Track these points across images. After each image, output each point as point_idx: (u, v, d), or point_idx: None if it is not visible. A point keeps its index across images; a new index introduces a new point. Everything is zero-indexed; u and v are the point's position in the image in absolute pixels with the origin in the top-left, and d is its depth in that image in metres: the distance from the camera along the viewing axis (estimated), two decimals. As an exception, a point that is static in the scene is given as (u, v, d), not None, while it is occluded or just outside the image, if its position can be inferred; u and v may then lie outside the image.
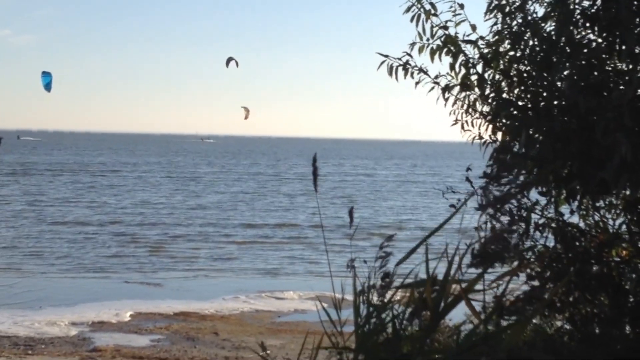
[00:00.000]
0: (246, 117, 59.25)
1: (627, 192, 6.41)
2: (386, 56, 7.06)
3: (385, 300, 5.23)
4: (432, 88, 7.06)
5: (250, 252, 30.36)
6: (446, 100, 7.03)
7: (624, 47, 5.92)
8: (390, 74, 7.03)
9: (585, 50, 6.10)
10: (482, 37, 6.78)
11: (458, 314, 5.58)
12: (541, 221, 6.65)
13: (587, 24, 6.18)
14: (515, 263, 6.45)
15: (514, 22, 6.57)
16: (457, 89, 6.99)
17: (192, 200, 51.38)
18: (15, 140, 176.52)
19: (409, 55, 7.04)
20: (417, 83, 7.07)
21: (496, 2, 6.67)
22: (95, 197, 51.85)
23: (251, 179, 75.18)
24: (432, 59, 6.92)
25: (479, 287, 5.22)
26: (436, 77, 7.04)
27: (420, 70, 7.05)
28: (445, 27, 6.88)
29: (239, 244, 32.30)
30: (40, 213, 41.16)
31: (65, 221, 37.95)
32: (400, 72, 7.03)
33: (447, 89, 6.99)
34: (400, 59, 7.04)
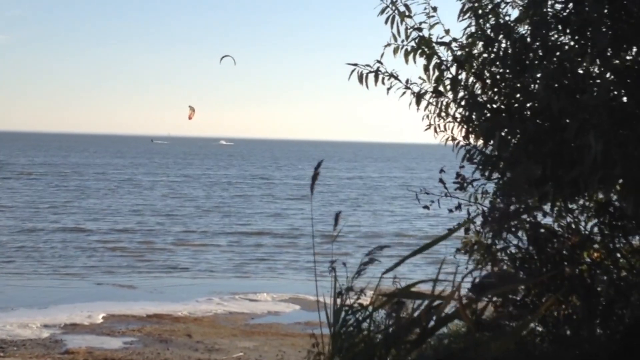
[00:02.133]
0: (190, 117, 56.91)
1: (600, 195, 6.47)
2: (355, 65, 7.06)
3: (364, 304, 5.25)
4: (404, 93, 7.07)
5: (223, 254, 30.28)
6: (418, 105, 7.04)
7: (595, 51, 5.98)
8: (361, 81, 7.03)
9: (557, 53, 6.14)
10: (455, 40, 6.81)
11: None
12: (514, 222, 6.68)
13: (560, 27, 6.23)
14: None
15: (487, 25, 6.61)
16: (429, 94, 7.02)
17: (170, 203, 51.20)
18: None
19: (379, 62, 7.05)
20: (388, 89, 7.08)
21: (470, 5, 6.71)
22: (76, 199, 51.49)
23: (233, 182, 74.57)
24: (407, 60, 6.93)
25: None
26: (407, 82, 7.05)
27: (391, 75, 7.06)
28: (420, 29, 6.90)
29: (213, 246, 32.22)
30: (19, 215, 40.92)
31: (41, 223, 37.68)
32: (371, 79, 7.04)
33: (419, 95, 7.01)
34: (368, 65, 7.04)
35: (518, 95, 6.43)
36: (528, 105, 6.36)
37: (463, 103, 6.81)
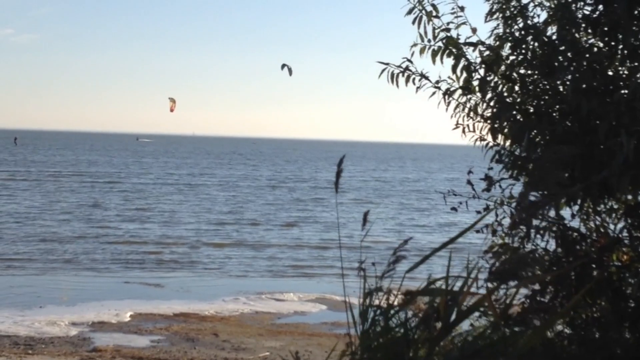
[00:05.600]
0: (172, 110, 54.49)
1: (629, 197, 6.43)
2: (387, 64, 7.06)
3: (392, 303, 5.25)
4: (434, 93, 7.06)
5: (250, 253, 30.35)
6: (447, 104, 7.03)
7: (625, 52, 5.95)
8: (392, 81, 7.04)
9: (587, 55, 6.12)
10: (482, 42, 6.79)
11: (464, 323, 5.60)
12: (542, 225, 6.65)
13: (589, 29, 6.20)
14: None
15: (515, 26, 6.59)
16: (458, 92, 7.00)
17: (197, 199, 51.28)
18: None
19: (409, 61, 7.05)
20: (418, 88, 7.08)
21: (497, 6, 6.69)
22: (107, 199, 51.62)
23: (259, 182, 74.33)
24: (434, 60, 6.93)
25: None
26: (437, 81, 7.04)
27: (421, 75, 7.06)
28: (447, 29, 6.89)
29: (240, 245, 32.29)
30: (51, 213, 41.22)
31: (69, 220, 37.95)
32: (401, 78, 7.04)
33: (448, 93, 7.00)
34: (400, 65, 7.04)
35: (547, 97, 6.40)
36: (557, 107, 6.34)
37: (492, 104, 6.79)
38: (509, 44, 6.64)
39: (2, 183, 60.50)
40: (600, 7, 6.13)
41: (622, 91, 5.91)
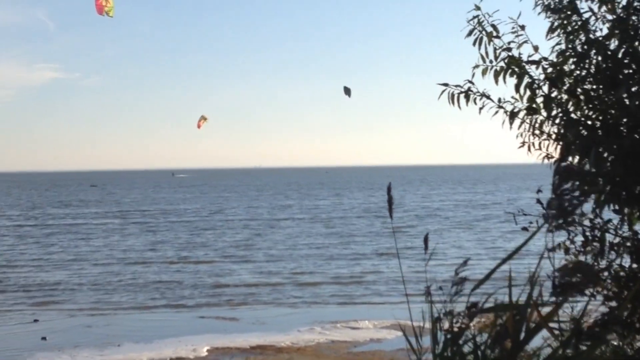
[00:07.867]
0: (199, 126, 54.83)
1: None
2: (446, 85, 7.04)
3: (463, 326, 5.18)
4: (496, 112, 7.01)
5: (324, 283, 30.30)
6: (512, 123, 6.97)
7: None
8: (452, 102, 7.00)
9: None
10: (545, 58, 6.73)
11: (536, 339, 5.50)
12: (616, 240, 6.54)
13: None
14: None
15: (577, 41, 6.52)
16: (523, 112, 6.94)
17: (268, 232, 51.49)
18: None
19: (471, 82, 7.01)
20: (480, 109, 7.03)
21: (558, 22, 6.63)
22: (187, 235, 52.15)
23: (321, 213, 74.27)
24: (497, 81, 6.88)
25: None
26: (499, 100, 6.99)
27: (483, 95, 7.01)
28: (509, 49, 6.85)
29: (313, 281, 32.26)
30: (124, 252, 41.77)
31: (144, 259, 38.40)
32: (462, 99, 7.01)
33: (512, 114, 6.94)
34: (461, 86, 7.01)
35: (613, 111, 6.31)
36: (624, 120, 6.25)
37: (557, 121, 6.72)
38: (572, 59, 6.57)
39: (104, 224, 62.10)
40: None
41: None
